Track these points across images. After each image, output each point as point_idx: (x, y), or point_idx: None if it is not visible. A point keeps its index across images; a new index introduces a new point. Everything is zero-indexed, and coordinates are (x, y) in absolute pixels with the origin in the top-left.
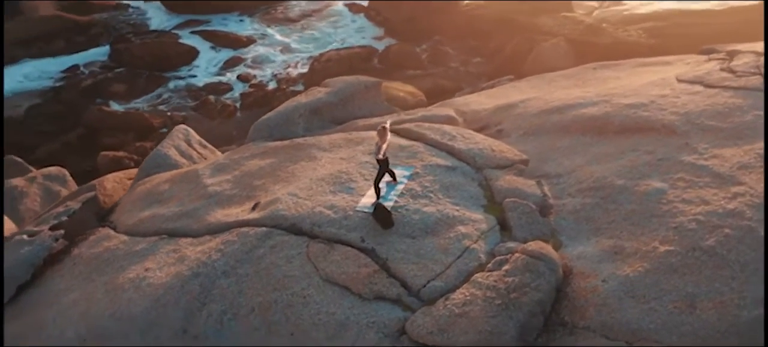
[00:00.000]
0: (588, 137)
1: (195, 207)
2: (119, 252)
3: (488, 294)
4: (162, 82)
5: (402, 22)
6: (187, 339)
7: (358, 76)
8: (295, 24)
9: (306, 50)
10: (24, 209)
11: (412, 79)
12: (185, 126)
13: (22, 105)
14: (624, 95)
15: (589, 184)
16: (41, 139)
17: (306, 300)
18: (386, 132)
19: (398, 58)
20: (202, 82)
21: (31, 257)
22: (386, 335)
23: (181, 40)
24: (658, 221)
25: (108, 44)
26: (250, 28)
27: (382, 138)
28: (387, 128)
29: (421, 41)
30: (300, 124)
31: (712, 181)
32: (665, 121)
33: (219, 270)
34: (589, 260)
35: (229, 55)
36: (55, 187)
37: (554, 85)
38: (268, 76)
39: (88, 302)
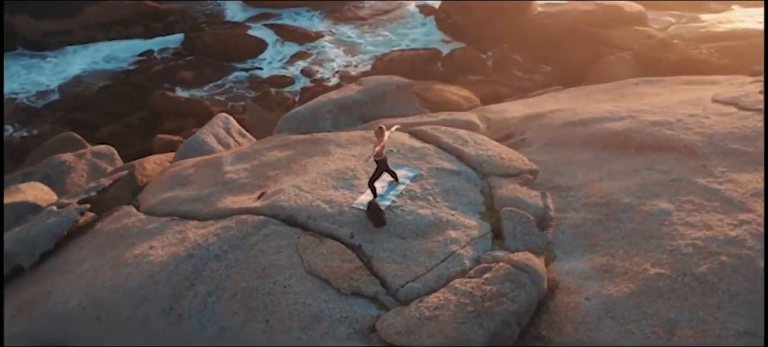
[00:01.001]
0: (607, 152)
1: (210, 192)
2: (134, 230)
3: (462, 300)
4: (228, 72)
5: (471, 27)
6: (172, 317)
7: (391, 76)
8: (365, 23)
9: (372, 49)
10: (70, 182)
11: (472, 85)
12: (226, 114)
13: (96, 84)
14: (652, 112)
15: (595, 199)
16: (107, 118)
17: (286, 290)
18: (383, 133)
19: (462, 63)
20: (266, 75)
21: (56, 227)
22: (357, 331)
23: (252, 32)
24: (656, 242)
25: (183, 33)
26: (319, 24)
27: (379, 139)
28: (384, 129)
29: (489, 47)
30: (328, 119)
31: (721, 206)
32: (687, 141)
33: (212, 253)
34: (578, 276)
35: (295, 49)
36: (102, 164)
37: (591, 98)
38: (330, 72)
39: (95, 273)
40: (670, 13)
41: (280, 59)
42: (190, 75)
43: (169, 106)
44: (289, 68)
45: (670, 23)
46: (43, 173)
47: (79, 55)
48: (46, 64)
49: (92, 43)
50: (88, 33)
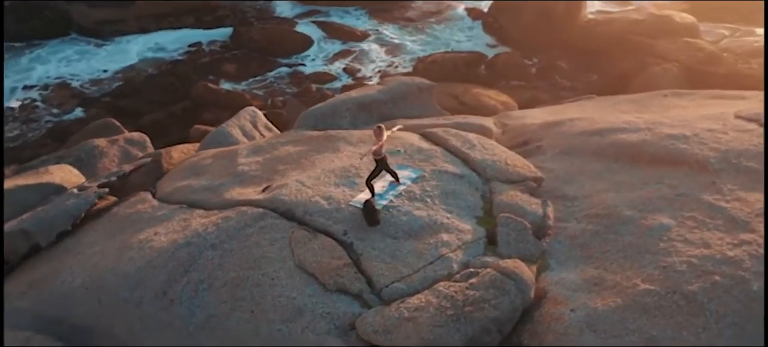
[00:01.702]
0: (619, 163)
1: (220, 183)
2: (145, 215)
3: (443, 303)
4: (272, 67)
5: (518, 32)
6: (165, 302)
7: (413, 78)
8: (412, 23)
9: (415, 50)
10: (101, 167)
11: (513, 90)
12: (254, 108)
13: (144, 73)
14: (671, 124)
15: (598, 211)
16: (150, 107)
17: (273, 282)
18: (382, 132)
19: (505, 68)
20: (308, 71)
21: (74, 209)
22: (337, 327)
23: (299, 28)
24: (650, 257)
25: (232, 26)
26: (366, 23)
27: (378, 138)
28: (383, 128)
29: (535, 53)
30: (346, 117)
31: (724, 224)
32: (700, 156)
33: (209, 242)
34: (567, 287)
35: (340, 47)
36: (133, 151)
37: (616, 108)
38: (371, 71)
39: (102, 255)
40: (726, 26)
41: (323, 56)
42: (234, 68)
43: (210, 97)
44: (331, 66)
45: (724, 36)
46: (75, 156)
47: (131, 44)
48: (100, 51)
49: (144, 33)
50: (140, 23)
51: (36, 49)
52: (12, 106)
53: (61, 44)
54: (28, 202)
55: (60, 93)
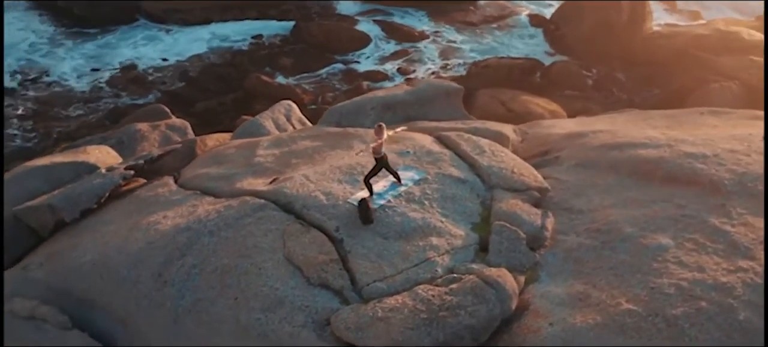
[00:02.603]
0: (633, 179)
1: (235, 173)
2: (161, 199)
3: (418, 306)
4: (327, 63)
5: (579, 41)
6: (159, 282)
7: (442, 81)
8: (472, 27)
9: (471, 54)
10: (140, 150)
11: (566, 100)
12: (290, 101)
13: (203, 62)
14: (693, 143)
15: (599, 226)
16: (204, 95)
17: (260, 272)
18: (382, 130)
19: (561, 77)
20: (362, 69)
21: (98, 188)
22: (314, 321)
23: (359, 26)
24: (641, 277)
25: (294, 21)
26: (426, 24)
27: (378, 136)
28: (383, 127)
29: (594, 63)
30: (370, 116)
31: (724, 249)
32: (715, 177)
33: (207, 229)
34: (551, 300)
35: (397, 47)
36: (174, 136)
37: (647, 123)
38: (424, 72)
39: (114, 234)
40: None
41: (379, 55)
42: (290, 62)
43: (262, 89)
44: (386, 65)
45: None
46: (117, 138)
47: (195, 33)
48: (165, 38)
49: (208, 23)
50: (205, 13)
51: (107, 35)
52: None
53: (130, 30)
54: (62, 179)
55: (124, 77)
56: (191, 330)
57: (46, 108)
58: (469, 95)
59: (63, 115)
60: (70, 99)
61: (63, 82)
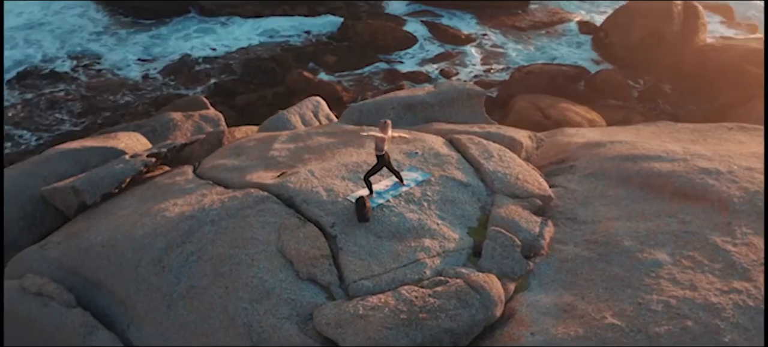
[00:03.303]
0: (643, 191)
1: (249, 165)
2: (176, 187)
3: (399, 306)
4: (371, 62)
5: (627, 50)
6: (158, 268)
7: (465, 83)
8: (520, 32)
9: (516, 60)
10: (171, 139)
11: (609, 109)
12: (319, 98)
13: (249, 56)
14: (710, 158)
15: (598, 237)
16: (247, 88)
17: (251, 263)
18: (387, 127)
19: (605, 85)
20: (405, 69)
21: (120, 173)
22: (298, 314)
23: (406, 27)
24: (631, 292)
25: (342, 18)
26: (474, 27)
27: (383, 131)
28: (389, 124)
29: (640, 74)
30: (390, 116)
31: (722, 269)
32: (725, 194)
33: (209, 218)
34: (537, 310)
35: (443, 49)
36: (206, 127)
37: (671, 135)
38: (467, 75)
39: (126, 218)
40: None
41: (423, 56)
42: (334, 60)
43: (303, 85)
44: (429, 66)
45: None
46: (151, 126)
47: (244, 26)
48: (215, 31)
49: (258, 17)
50: (256, 7)
51: (160, 27)
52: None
53: (183, 22)
54: (91, 162)
55: (173, 68)
56: (183, 316)
57: (96, 94)
58: (508, 100)
59: (111, 102)
60: (120, 87)
61: (115, 70)
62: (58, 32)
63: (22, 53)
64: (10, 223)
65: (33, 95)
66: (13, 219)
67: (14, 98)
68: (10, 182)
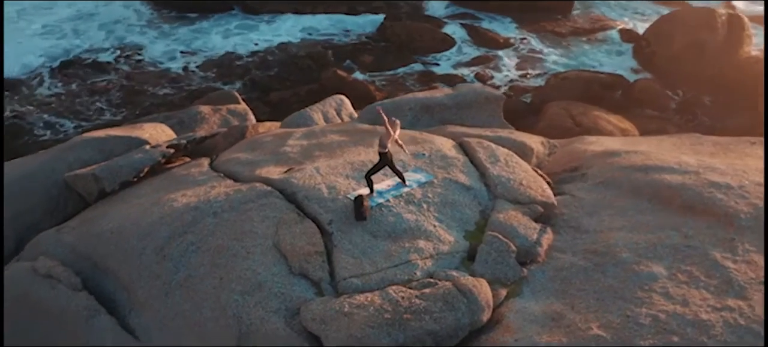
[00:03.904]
0: (650, 203)
1: (261, 159)
2: (189, 178)
3: (385, 305)
4: (406, 63)
5: (667, 60)
6: (159, 256)
7: (484, 87)
8: (560, 38)
9: (553, 66)
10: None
11: (644, 119)
12: (343, 96)
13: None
14: (724, 172)
15: (598, 247)
16: (281, 84)
17: (247, 256)
18: (396, 127)
19: (643, 95)
20: (440, 71)
21: (138, 163)
22: (287, 308)
23: (444, 29)
24: (621, 304)
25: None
26: (513, 31)
27: (393, 127)
28: (397, 124)
29: (680, 85)
30: (408, 117)
31: (718, 285)
32: (732, 210)
33: (212, 210)
34: (525, 317)
35: (479, 52)
36: (233, 121)
37: (691, 148)
38: (502, 80)
39: (138, 207)
40: None
41: (460, 59)
42: (371, 59)
43: (336, 84)
44: (464, 69)
45: None
46: (179, 118)
47: (286, 23)
48: (255, 27)
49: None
50: (295, 5)
51: (202, 22)
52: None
53: (225, 18)
54: (114, 151)
55: (212, 62)
56: (178, 305)
57: (136, 85)
58: (541, 106)
59: (150, 93)
60: (160, 79)
61: (156, 62)
62: (104, 23)
63: (69, 43)
64: (34, 207)
65: (75, 85)
66: (38, 203)
67: (57, 87)
68: (38, 167)
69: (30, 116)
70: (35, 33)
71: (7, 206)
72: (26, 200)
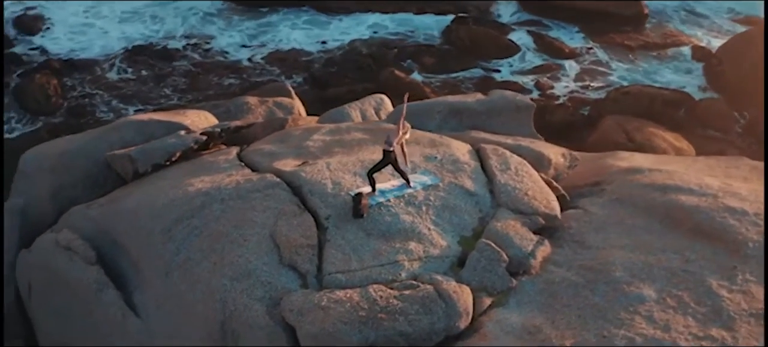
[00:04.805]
0: (660, 224)
1: (282, 152)
2: (215, 165)
3: (362, 303)
4: (467, 67)
5: (737, 80)
6: (165, 237)
7: (516, 94)
8: (628, 51)
9: (617, 79)
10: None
11: (703, 140)
12: (383, 95)
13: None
14: (743, 198)
15: (594, 264)
16: (340, 81)
17: (242, 243)
18: (407, 129)
19: (707, 115)
20: (500, 78)
21: (170, 147)
22: (271, 297)
23: (511, 35)
24: (601, 323)
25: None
26: (580, 42)
27: (403, 128)
28: (408, 126)
29: (749, 106)
30: (435, 119)
31: (705, 314)
32: (741, 237)
33: (220, 196)
34: (503, 328)
35: (543, 60)
36: (278, 113)
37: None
38: (562, 91)
39: (158, 189)
40: None
41: (522, 67)
42: (432, 61)
43: (393, 83)
44: (525, 77)
45: None
46: (226, 107)
47: (353, 21)
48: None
49: (366, 12)
50: (365, 4)
51: (272, 15)
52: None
53: (295, 13)
54: (154, 134)
55: (276, 55)
56: (176, 285)
57: (202, 73)
58: (597, 120)
59: (214, 82)
60: (225, 69)
61: (223, 52)
62: (180, 11)
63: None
64: (76, 182)
65: (144, 70)
66: (80, 179)
67: (126, 72)
68: (83, 144)
69: (96, 97)
70: (117, 17)
71: (50, 179)
72: (69, 176)
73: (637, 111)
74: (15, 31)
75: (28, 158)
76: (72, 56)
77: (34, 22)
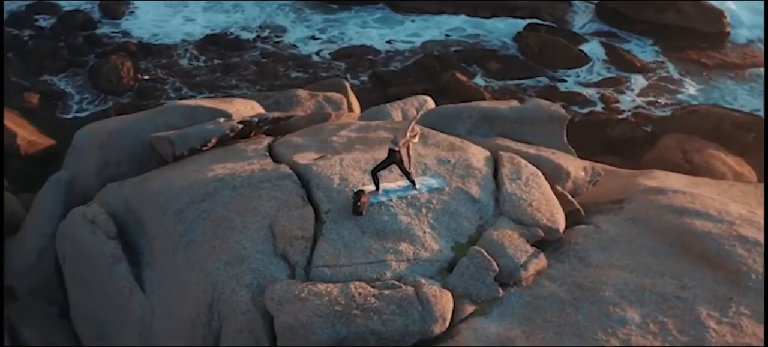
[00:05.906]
0: (670, 247)
1: (307, 145)
2: (243, 153)
3: (339, 298)
4: (533, 75)
5: None
6: (176, 219)
7: (550, 104)
8: (703, 69)
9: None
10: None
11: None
12: (426, 97)
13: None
14: (759, 227)
15: (586, 282)
16: (402, 82)
17: (243, 229)
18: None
19: None
20: (564, 88)
21: (207, 133)
22: (257, 285)
23: (583, 46)
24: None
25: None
26: (653, 56)
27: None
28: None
29: None
30: (466, 124)
31: (686, 344)
32: (746, 268)
33: (233, 183)
34: (477, 337)
35: (612, 73)
36: (327, 107)
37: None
38: (628, 105)
39: (183, 172)
40: None
41: (590, 79)
42: (498, 67)
43: (453, 86)
44: (591, 89)
45: None
46: (276, 99)
47: (424, 22)
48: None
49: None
50: (439, 6)
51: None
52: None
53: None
54: (199, 119)
55: (343, 52)
56: (179, 265)
57: (271, 64)
58: (658, 137)
59: (281, 74)
60: (293, 62)
61: (292, 45)
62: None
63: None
64: (121, 160)
65: (215, 59)
66: (124, 158)
67: (198, 60)
68: (131, 125)
69: (167, 82)
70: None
71: (98, 156)
72: (115, 153)
73: (702, 132)
74: (99, 14)
75: (80, 135)
76: (151, 41)
77: (119, 6)
